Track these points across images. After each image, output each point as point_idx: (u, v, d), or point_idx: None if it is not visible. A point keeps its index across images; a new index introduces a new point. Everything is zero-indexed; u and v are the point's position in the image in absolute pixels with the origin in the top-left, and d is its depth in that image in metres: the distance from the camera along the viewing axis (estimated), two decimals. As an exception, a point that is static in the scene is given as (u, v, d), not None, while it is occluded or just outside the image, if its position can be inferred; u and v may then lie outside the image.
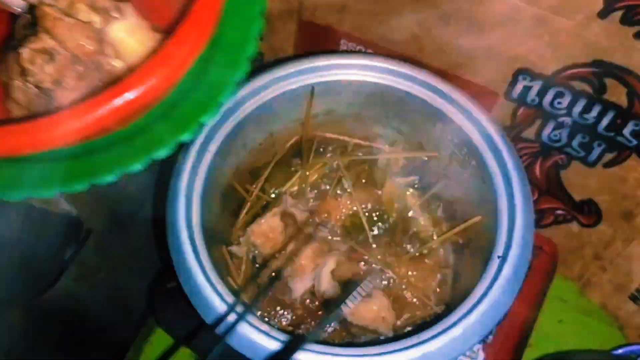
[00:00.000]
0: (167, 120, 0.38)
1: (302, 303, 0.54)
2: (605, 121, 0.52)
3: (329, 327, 0.53)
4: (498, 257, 0.45)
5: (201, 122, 0.38)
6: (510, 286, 0.44)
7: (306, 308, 0.54)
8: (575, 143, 0.55)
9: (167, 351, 0.59)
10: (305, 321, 0.54)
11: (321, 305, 0.53)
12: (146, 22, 0.40)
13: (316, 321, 0.53)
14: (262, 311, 0.54)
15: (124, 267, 0.67)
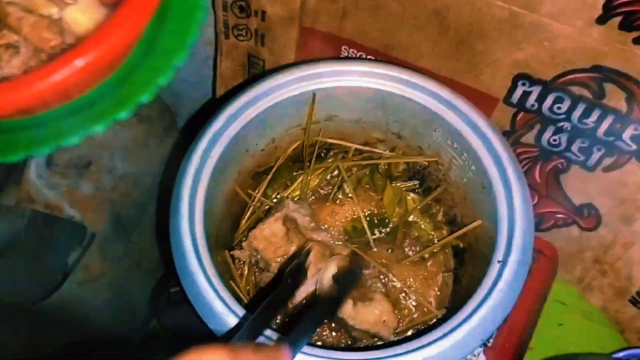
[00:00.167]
0: (126, 84, 0.41)
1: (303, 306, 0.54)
2: (604, 126, 0.52)
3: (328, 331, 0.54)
4: (498, 262, 0.45)
5: (159, 84, 0.41)
6: (510, 290, 0.44)
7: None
8: (574, 147, 0.55)
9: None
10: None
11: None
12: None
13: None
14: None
15: (128, 271, 0.68)
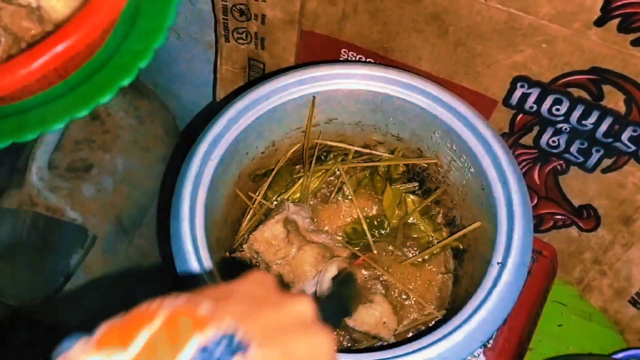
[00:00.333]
0: (106, 68, 0.42)
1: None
2: (603, 127, 0.52)
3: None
4: (498, 263, 0.46)
5: (139, 67, 0.42)
6: (510, 291, 0.44)
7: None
8: (573, 149, 0.55)
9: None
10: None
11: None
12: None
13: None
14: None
15: (129, 273, 0.68)
